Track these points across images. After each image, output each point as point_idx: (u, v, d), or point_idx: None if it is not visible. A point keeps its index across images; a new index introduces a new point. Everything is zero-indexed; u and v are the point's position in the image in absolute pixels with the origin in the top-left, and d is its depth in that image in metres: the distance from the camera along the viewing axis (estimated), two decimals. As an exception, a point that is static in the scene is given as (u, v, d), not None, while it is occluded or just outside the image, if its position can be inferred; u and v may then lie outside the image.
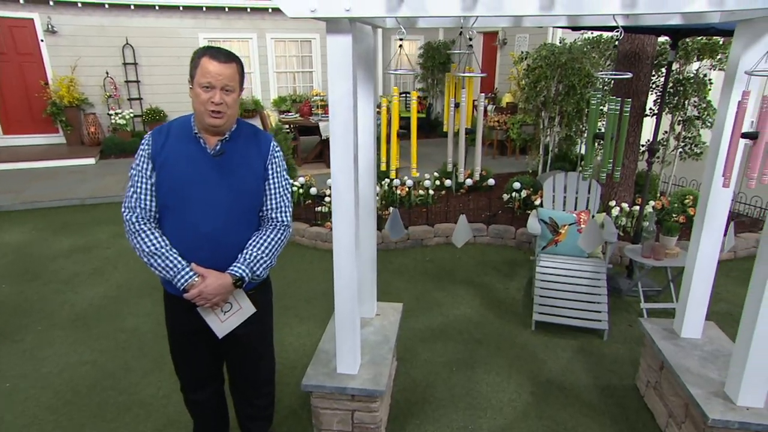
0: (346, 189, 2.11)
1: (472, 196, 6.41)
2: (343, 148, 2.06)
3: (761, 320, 2.05)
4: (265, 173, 2.03)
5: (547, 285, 3.82)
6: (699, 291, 2.62)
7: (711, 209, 2.47)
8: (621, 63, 5.06)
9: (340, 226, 2.16)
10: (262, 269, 2.00)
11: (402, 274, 4.59)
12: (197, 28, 10.02)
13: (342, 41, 1.92)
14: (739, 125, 1.80)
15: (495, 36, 10.43)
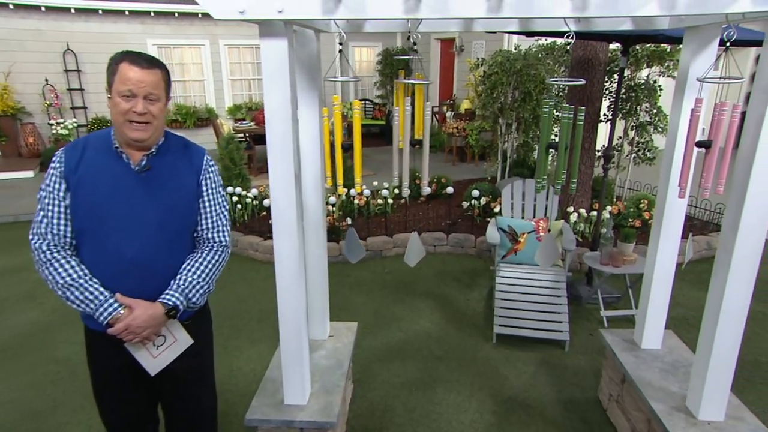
0: (287, 205, 1.94)
1: (432, 205, 6.33)
2: (282, 161, 1.90)
3: (720, 334, 2.00)
4: (199, 189, 1.84)
5: (507, 296, 3.75)
6: (658, 302, 2.58)
7: (667, 218, 2.43)
8: (575, 69, 5.10)
9: (282, 246, 2.00)
10: (198, 296, 1.81)
11: (360, 288, 4.44)
12: (145, 33, 9.62)
13: (277, 45, 1.76)
14: (692, 134, 1.74)
15: (452, 42, 10.47)
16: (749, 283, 1.95)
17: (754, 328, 3.69)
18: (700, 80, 1.76)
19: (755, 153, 1.78)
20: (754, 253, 1.91)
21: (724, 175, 1.74)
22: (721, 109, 1.69)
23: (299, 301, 2.08)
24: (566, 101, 5.31)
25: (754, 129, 1.78)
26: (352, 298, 4.23)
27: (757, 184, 1.82)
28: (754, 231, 1.89)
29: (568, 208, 5.29)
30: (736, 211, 1.89)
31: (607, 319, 3.84)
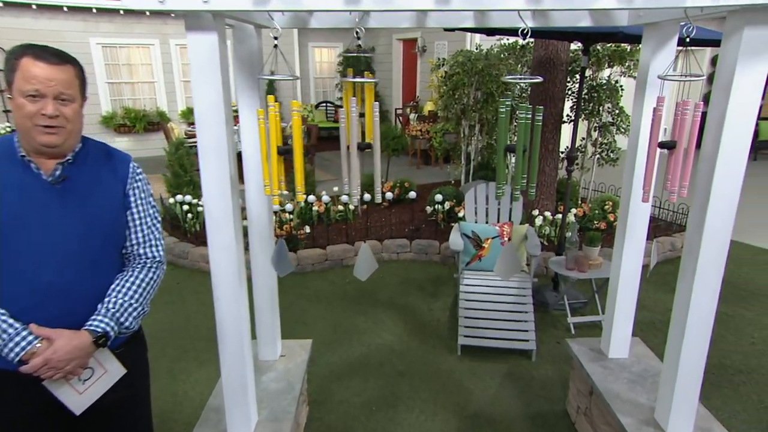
0: (223, 215, 1.79)
1: (395, 210, 6.23)
2: (216, 167, 1.74)
3: (687, 344, 1.95)
4: (126, 201, 1.67)
5: (471, 305, 3.67)
6: (624, 309, 2.53)
7: (632, 222, 2.39)
8: (536, 69, 5.10)
9: (218, 262, 1.84)
10: (132, 319, 1.63)
11: (319, 299, 4.28)
12: (87, 32, 9.19)
13: (205, 40, 1.61)
14: (655, 135, 1.69)
15: (414, 43, 10.44)
16: (715, 289, 1.91)
17: (719, 330, 3.72)
18: (661, 78, 1.70)
19: (717, 153, 1.74)
20: (719, 257, 1.87)
21: (687, 178, 1.69)
22: (684, 108, 1.63)
23: (240, 322, 1.92)
24: (529, 102, 5.31)
25: (716, 128, 1.74)
26: (310, 311, 4.07)
27: (720, 185, 1.78)
28: (719, 234, 1.85)
29: (533, 212, 5.28)
30: (700, 214, 1.84)
31: (574, 326, 3.81)
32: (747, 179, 5.04)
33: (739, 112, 1.69)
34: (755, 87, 1.66)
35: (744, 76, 1.65)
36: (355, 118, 1.80)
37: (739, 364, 3.31)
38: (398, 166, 9.11)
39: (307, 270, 4.83)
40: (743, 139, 1.73)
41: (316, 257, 4.85)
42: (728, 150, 1.73)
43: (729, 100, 1.69)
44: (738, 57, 1.63)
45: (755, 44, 1.61)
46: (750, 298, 4.23)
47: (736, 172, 1.77)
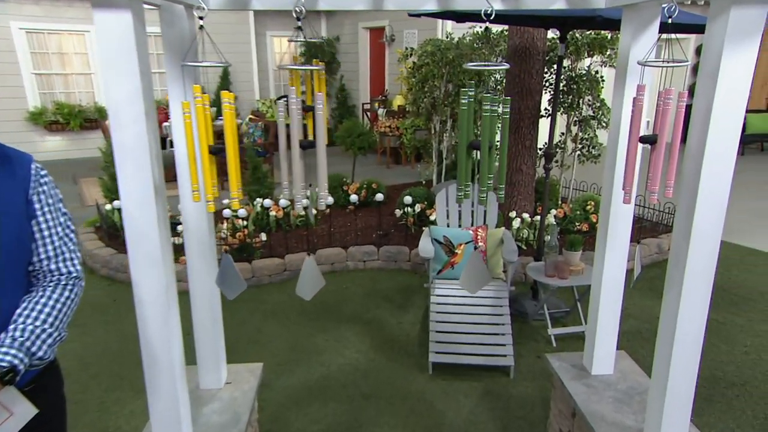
0: (147, 228, 1.65)
1: (362, 214, 6.13)
2: (135, 171, 1.60)
3: (675, 361, 1.90)
4: (30, 209, 1.51)
5: (443, 318, 3.59)
6: (607, 321, 2.48)
7: (613, 225, 2.33)
8: (511, 59, 5.07)
9: (141, 279, 1.70)
10: (46, 347, 1.48)
11: (276, 315, 4.14)
12: (9, 15, 8.77)
13: (117, 20, 1.47)
14: (636, 128, 1.62)
15: (382, 32, 10.37)
16: (705, 299, 1.86)
17: (711, 339, 3.73)
18: (641, 64, 1.64)
19: (705, 147, 1.69)
20: (709, 263, 1.82)
21: (672, 176, 1.63)
22: (666, 98, 1.57)
23: (171, 347, 1.78)
24: (504, 94, 5.29)
25: (702, 120, 1.69)
26: (266, 329, 3.92)
27: (708, 183, 1.72)
28: (708, 238, 1.80)
29: (511, 214, 5.25)
30: (686, 217, 1.79)
31: (555, 337, 3.76)
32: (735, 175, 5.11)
33: (727, 101, 1.64)
34: (744, 73, 1.61)
35: (731, 62, 1.60)
36: (296, 112, 1.68)
37: (732, 375, 3.31)
38: (366, 166, 9.02)
39: (263, 282, 4.67)
40: (732, 132, 1.68)
41: (274, 268, 4.70)
42: (716, 144, 1.68)
43: (716, 89, 1.63)
44: (725, 40, 1.58)
45: (743, 26, 1.56)
46: (741, 303, 4.27)
47: (724, 168, 1.72)
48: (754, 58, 1.61)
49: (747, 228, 6.07)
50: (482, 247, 4.01)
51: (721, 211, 1.77)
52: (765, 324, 3.94)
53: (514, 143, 5.26)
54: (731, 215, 6.52)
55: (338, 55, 11.92)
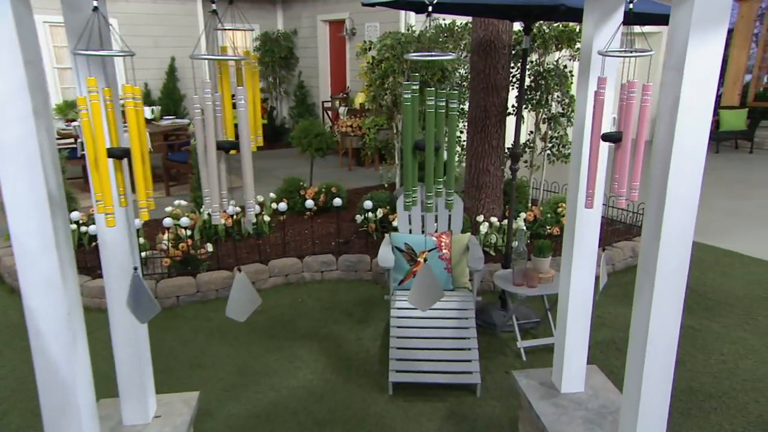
0: (39, 246, 1.49)
1: (321, 220, 6.00)
2: (22, 180, 1.45)
3: (648, 377, 1.83)
4: None
5: (404, 333, 3.49)
6: (576, 335, 2.42)
7: (580, 230, 2.27)
8: (476, 53, 5.03)
9: (35, 306, 1.54)
10: None
11: (224, 334, 3.97)
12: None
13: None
14: (597, 125, 1.55)
15: (342, 25, 10.27)
16: (677, 310, 1.81)
17: (686, 348, 3.73)
18: (601, 54, 1.57)
19: (672, 144, 1.63)
20: (680, 269, 1.76)
21: (637, 176, 1.56)
22: (630, 91, 1.51)
23: (76, 388, 1.62)
24: (469, 91, 5.23)
25: (669, 115, 1.63)
26: (212, 350, 3.75)
27: (677, 182, 1.67)
28: (679, 242, 1.74)
29: (478, 218, 5.20)
30: (655, 219, 1.73)
31: (524, 350, 3.70)
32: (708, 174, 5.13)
33: (694, 94, 1.59)
34: (712, 64, 1.56)
35: (698, 51, 1.54)
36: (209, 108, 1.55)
37: (709, 387, 3.30)
38: (326, 168, 8.90)
39: (209, 297, 4.49)
40: (701, 127, 1.63)
41: (221, 281, 4.53)
42: (685, 140, 1.63)
43: (683, 81, 1.58)
44: (690, 28, 1.53)
45: (709, 13, 1.51)
46: (717, 308, 4.30)
47: (694, 166, 1.67)
48: (722, 47, 1.56)
49: (722, 228, 6.17)
50: (446, 254, 3.93)
51: (691, 212, 1.72)
52: (741, 330, 3.96)
53: (480, 143, 5.21)
54: (705, 215, 6.63)
55: (296, 49, 11.76)
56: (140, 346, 2.20)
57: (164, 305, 4.31)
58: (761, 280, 4.81)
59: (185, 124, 7.74)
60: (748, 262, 5.20)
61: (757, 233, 6.02)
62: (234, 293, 1.68)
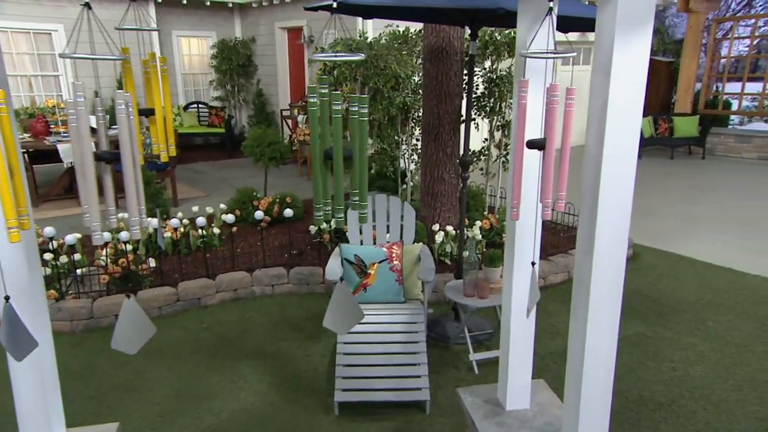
0: None
1: (275, 231, 5.83)
2: None
3: (586, 396, 1.75)
4: None
5: (351, 349, 3.36)
6: (520, 350, 2.33)
7: (520, 242, 2.19)
8: (427, 60, 4.97)
9: None
10: None
11: (164, 354, 3.77)
12: None
13: None
14: (520, 130, 1.46)
15: (300, 32, 10.15)
16: (614, 324, 1.73)
17: (637, 356, 3.69)
18: (523, 56, 1.49)
19: (602, 149, 1.55)
20: (616, 279, 1.69)
21: (563, 185, 1.48)
22: (552, 95, 1.42)
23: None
24: (423, 98, 5.16)
25: (599, 119, 1.55)
26: (149, 372, 3.55)
27: (609, 189, 1.59)
28: (614, 252, 1.66)
29: (434, 227, 5.11)
30: (588, 228, 1.65)
31: (477, 363, 3.61)
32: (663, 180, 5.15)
33: (623, 97, 1.52)
34: (639, 66, 1.49)
35: (625, 52, 1.47)
36: (82, 114, 1.40)
37: (659, 395, 3.26)
38: (285, 178, 8.74)
39: (152, 316, 4.28)
40: (631, 131, 1.55)
41: (165, 298, 4.32)
42: (615, 145, 1.55)
43: (610, 84, 1.51)
44: (615, 29, 1.45)
45: (633, 14, 1.44)
46: (670, 315, 4.29)
47: (626, 172, 1.60)
48: (648, 49, 1.49)
49: (676, 234, 6.23)
50: (397, 265, 3.83)
51: (625, 219, 1.64)
52: (692, 336, 3.95)
53: (434, 151, 5.15)
54: (660, 221, 6.69)
55: (254, 57, 11.59)
56: (45, 374, 2.01)
57: (101, 325, 4.09)
58: (711, 284, 4.84)
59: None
60: (700, 267, 5.24)
61: (709, 237, 6.09)
62: (122, 322, 1.51)
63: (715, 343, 3.87)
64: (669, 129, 10.82)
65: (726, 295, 4.62)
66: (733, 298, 4.57)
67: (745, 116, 13.49)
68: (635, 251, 5.60)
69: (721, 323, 4.15)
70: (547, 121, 1.44)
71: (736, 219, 6.76)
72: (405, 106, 5.66)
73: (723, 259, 5.39)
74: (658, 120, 10.86)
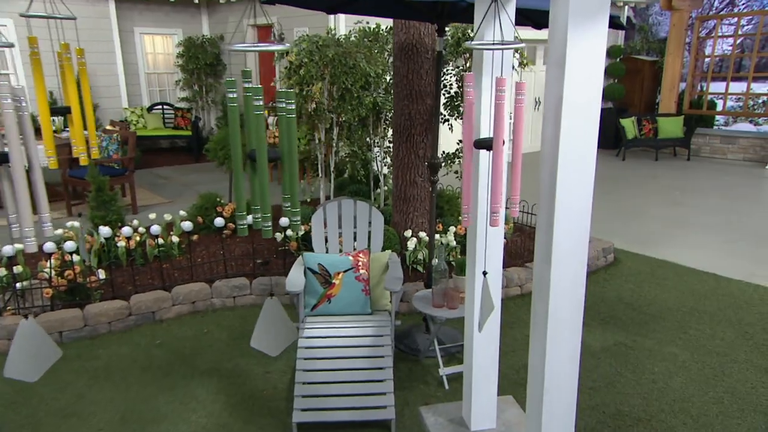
0: None
1: (241, 239, 5.70)
2: None
3: (548, 418, 1.67)
4: None
5: (312, 365, 3.26)
6: (484, 366, 2.25)
7: (481, 250, 2.11)
8: (398, 57, 4.90)
9: None
10: None
11: (111, 374, 3.63)
12: None
13: None
14: (468, 129, 1.38)
15: (270, 30, 10.04)
16: (576, 330, 1.65)
17: (617, 367, 3.64)
18: (468, 48, 1.41)
19: (558, 147, 1.48)
20: (575, 288, 1.61)
21: (516, 189, 1.40)
22: (499, 90, 1.35)
23: None
24: (394, 98, 5.09)
25: (554, 117, 1.48)
26: (93, 394, 3.41)
27: (566, 195, 1.52)
28: (573, 257, 1.59)
29: (406, 233, 5.04)
30: (546, 237, 1.57)
31: (447, 378, 3.53)
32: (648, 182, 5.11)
33: (579, 92, 1.45)
34: (594, 58, 1.42)
35: (579, 45, 1.40)
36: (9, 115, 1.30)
37: (638, 410, 3.20)
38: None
39: (100, 332, 4.13)
40: (588, 128, 1.48)
41: (115, 312, 4.18)
42: (571, 143, 1.48)
43: (565, 78, 1.44)
44: (568, 22, 1.38)
45: (586, 5, 1.37)
46: (651, 323, 4.26)
47: (584, 172, 1.53)
48: (604, 41, 1.43)
49: (658, 237, 6.23)
50: (364, 274, 3.74)
51: (584, 222, 1.57)
52: (673, 345, 3.92)
53: (406, 153, 5.07)
54: (643, 225, 6.69)
55: (223, 55, 11.44)
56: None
57: (45, 342, 3.93)
58: (693, 290, 4.83)
59: (91, 137, 7.31)
60: (682, 272, 5.22)
61: (692, 241, 6.10)
62: (17, 346, 1.40)
63: (697, 352, 3.83)
64: (653, 130, 10.89)
65: (708, 301, 4.61)
66: (715, 304, 4.55)
67: (730, 116, 13.67)
68: (616, 257, 5.57)
69: (703, 331, 4.12)
70: (495, 118, 1.37)
71: (721, 222, 6.79)
72: (376, 106, 5.58)
73: (706, 263, 5.39)
74: (642, 120, 10.92)
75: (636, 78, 12.08)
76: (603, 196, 8.20)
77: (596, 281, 5.01)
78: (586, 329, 4.14)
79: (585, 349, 3.87)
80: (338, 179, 6.84)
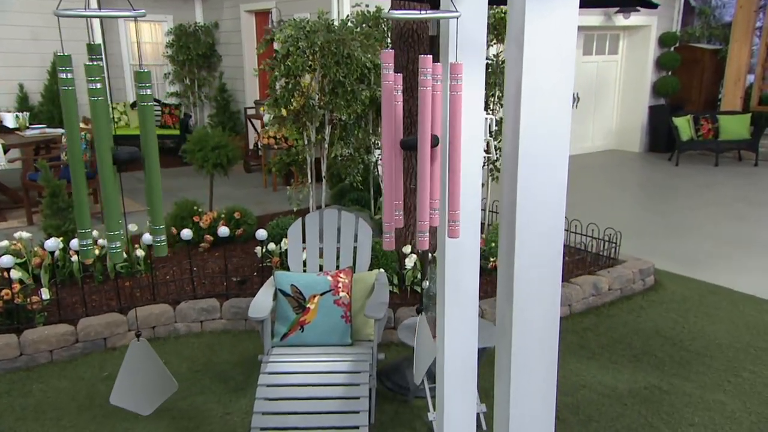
0: None
1: (220, 253, 5.59)
2: None
3: None
4: None
5: (273, 407, 3.11)
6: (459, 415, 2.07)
7: (453, 271, 1.92)
8: (396, 45, 4.77)
9: None
10: None
11: (44, 412, 3.51)
12: None
13: None
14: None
15: (268, 16, 10.01)
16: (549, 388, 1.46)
17: (648, 417, 3.41)
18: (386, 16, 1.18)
19: (518, 143, 1.30)
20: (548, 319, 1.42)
21: (436, 193, 1.23)
22: (423, 75, 1.17)
23: None
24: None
25: (514, 103, 1.31)
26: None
27: (529, 205, 1.34)
28: (542, 297, 1.40)
29: (404, 249, 4.86)
30: (506, 269, 1.39)
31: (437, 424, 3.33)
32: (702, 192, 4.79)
33: (542, 76, 1.27)
34: (564, 32, 1.24)
35: (542, 15, 1.22)
36: None
37: (667, 471, 2.97)
38: (247, 189, 8.58)
39: (39, 361, 4.02)
40: (557, 122, 1.30)
41: (58, 339, 4.07)
42: (535, 142, 1.30)
43: (524, 58, 1.26)
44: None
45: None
46: (694, 362, 4.00)
47: (553, 179, 1.34)
48: (575, 11, 1.25)
49: (712, 258, 5.95)
50: (344, 298, 3.59)
51: (555, 248, 1.39)
52: (720, 391, 3.66)
53: (406, 157, 4.91)
54: (693, 242, 6.41)
55: (218, 45, 11.45)
56: None
57: (-27, 373, 3.85)
58: (750, 322, 4.55)
59: (58, 135, 7.30)
60: (738, 300, 4.94)
61: (752, 263, 5.80)
62: None
63: (750, 401, 3.57)
64: (714, 130, 10.55)
65: (768, 337, 4.34)
66: (776, 340, 4.28)
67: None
68: (657, 279, 5.32)
69: (760, 375, 3.85)
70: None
71: (789, 240, 6.48)
72: (374, 101, 5.43)
73: (768, 291, 5.11)
74: (700, 119, 10.60)
75: (694, 70, 11.75)
76: (646, 208, 7.93)
77: (630, 309, 4.77)
78: (612, 367, 3.92)
79: (609, 393, 3.64)
80: (337, 186, 6.70)
